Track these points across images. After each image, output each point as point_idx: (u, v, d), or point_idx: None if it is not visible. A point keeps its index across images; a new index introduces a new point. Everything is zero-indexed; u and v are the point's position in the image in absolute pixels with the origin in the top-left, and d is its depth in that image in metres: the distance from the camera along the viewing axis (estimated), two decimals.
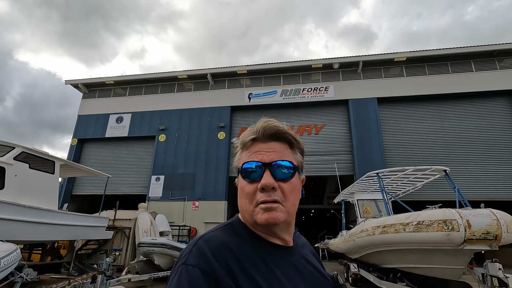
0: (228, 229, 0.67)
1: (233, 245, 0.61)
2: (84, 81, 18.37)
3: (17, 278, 3.81)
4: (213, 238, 0.62)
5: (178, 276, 0.54)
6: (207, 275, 0.53)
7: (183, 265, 0.56)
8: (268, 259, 0.62)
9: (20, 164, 6.00)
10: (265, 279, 0.58)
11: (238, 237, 0.64)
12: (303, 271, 0.66)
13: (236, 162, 0.72)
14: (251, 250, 0.62)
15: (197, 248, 0.59)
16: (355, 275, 7.72)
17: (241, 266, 0.57)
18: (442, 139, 14.10)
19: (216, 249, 0.58)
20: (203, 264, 0.55)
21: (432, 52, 15.09)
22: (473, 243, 3.89)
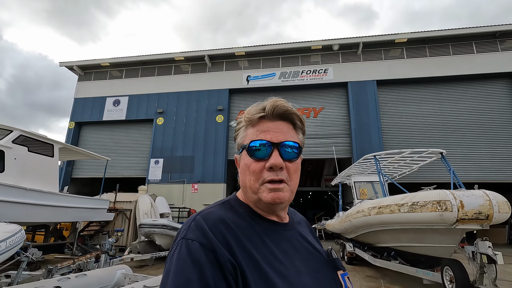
0: (225, 206, 0.68)
1: (229, 220, 0.62)
2: (79, 63, 18.01)
3: (23, 257, 3.92)
4: (211, 214, 0.63)
5: (178, 249, 0.56)
6: (206, 248, 0.55)
7: (183, 239, 0.58)
8: (264, 234, 0.64)
9: (19, 147, 6.01)
10: (260, 252, 0.60)
11: (235, 213, 0.66)
12: (298, 246, 0.68)
13: (241, 138, 0.72)
14: (247, 225, 0.64)
15: (196, 223, 0.60)
16: (350, 254, 7.99)
17: (238, 239, 0.59)
18: (441, 122, 14.13)
19: (213, 223, 0.60)
20: (202, 238, 0.56)
21: (433, 33, 14.82)
22: (465, 222, 4.01)
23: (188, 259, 0.54)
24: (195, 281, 0.51)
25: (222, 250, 0.55)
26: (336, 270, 0.70)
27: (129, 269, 4.49)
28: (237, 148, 0.73)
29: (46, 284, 3.39)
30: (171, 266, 0.55)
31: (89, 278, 3.80)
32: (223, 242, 0.57)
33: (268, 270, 0.57)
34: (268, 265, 0.58)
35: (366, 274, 6.82)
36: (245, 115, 0.71)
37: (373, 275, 6.71)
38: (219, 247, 0.56)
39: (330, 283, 0.66)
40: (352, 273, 6.95)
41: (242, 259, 0.56)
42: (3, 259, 3.28)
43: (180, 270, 0.53)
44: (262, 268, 0.57)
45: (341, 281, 0.68)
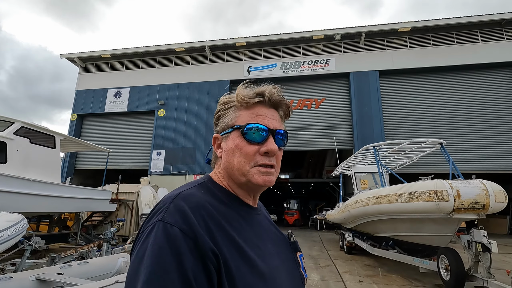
0: (203, 188, 0.65)
1: (210, 204, 0.60)
2: (79, 54, 17.97)
3: (26, 246, 4.02)
4: (191, 196, 0.59)
5: (155, 233, 0.51)
6: (187, 235, 0.51)
7: (160, 222, 0.53)
8: (242, 219, 0.64)
9: (20, 139, 6.08)
10: (241, 236, 0.59)
11: (212, 196, 0.64)
12: (268, 230, 0.70)
13: (232, 119, 0.69)
14: (226, 209, 0.63)
15: (175, 205, 0.56)
16: (349, 244, 8.08)
17: (219, 225, 0.57)
18: (443, 113, 14.01)
19: (195, 207, 0.56)
20: (182, 223, 0.52)
21: (438, 21, 14.54)
22: (462, 212, 4.04)
23: (166, 246, 0.49)
24: (173, 271, 0.47)
25: (204, 237, 0.52)
26: (296, 251, 0.74)
27: None
28: (222, 128, 0.70)
29: (49, 271, 3.49)
30: (145, 250, 0.50)
31: (90, 265, 3.90)
32: (204, 229, 0.54)
33: (249, 253, 0.57)
34: (248, 248, 0.58)
35: (364, 263, 6.92)
36: (238, 96, 0.68)
37: (372, 264, 6.81)
38: (201, 234, 0.52)
39: (292, 264, 0.70)
40: (351, 262, 7.06)
41: (224, 245, 0.54)
42: (6, 247, 3.38)
43: (156, 257, 0.48)
44: (244, 251, 0.57)
45: (299, 261, 0.73)
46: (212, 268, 0.51)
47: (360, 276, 5.71)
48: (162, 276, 0.47)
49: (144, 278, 0.47)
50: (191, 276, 0.48)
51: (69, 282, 3.14)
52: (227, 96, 0.73)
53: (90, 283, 3.01)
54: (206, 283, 0.50)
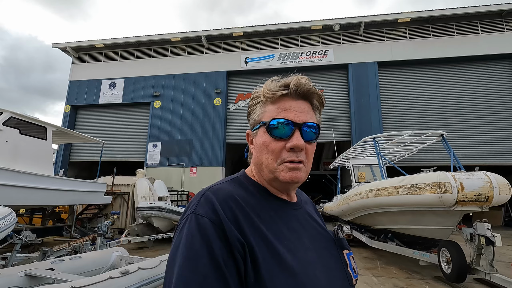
0: (234, 182, 0.68)
1: (239, 197, 0.62)
2: (72, 44, 17.51)
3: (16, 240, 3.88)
4: (220, 189, 0.63)
5: (188, 224, 0.56)
6: (215, 225, 0.55)
7: (192, 214, 0.57)
8: (273, 212, 0.64)
9: (10, 130, 5.86)
10: (270, 229, 0.60)
11: (244, 190, 0.66)
12: (306, 225, 0.68)
13: (259, 115, 0.68)
14: (256, 202, 0.64)
15: (205, 198, 0.60)
16: (347, 236, 8.05)
17: (247, 216, 0.59)
18: (443, 104, 13.93)
19: (223, 199, 0.59)
20: (211, 214, 0.56)
21: (437, 12, 14.33)
22: (464, 204, 3.95)
23: (198, 234, 0.54)
24: (205, 256, 0.51)
25: (231, 227, 0.55)
26: (342, 249, 0.71)
27: (125, 251, 4.46)
28: (252, 124, 0.71)
29: (40, 266, 3.35)
30: (180, 239, 0.55)
31: (83, 260, 3.77)
32: (232, 219, 0.57)
33: (277, 246, 0.58)
34: (277, 241, 0.58)
35: (362, 256, 6.89)
36: (264, 91, 0.67)
37: (370, 257, 6.78)
38: (228, 224, 0.55)
39: (336, 261, 0.67)
40: None
41: (251, 235, 0.56)
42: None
43: (190, 244, 0.53)
44: (271, 244, 0.57)
45: (346, 260, 0.69)
46: (239, 256, 0.54)
47: (358, 269, 5.66)
48: (195, 260, 0.51)
49: (180, 263, 0.52)
50: (221, 260, 0.52)
51: (60, 278, 3.01)
52: (256, 90, 0.71)
53: (82, 279, 2.87)
54: (234, 268, 0.53)
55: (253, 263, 0.54)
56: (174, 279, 0.51)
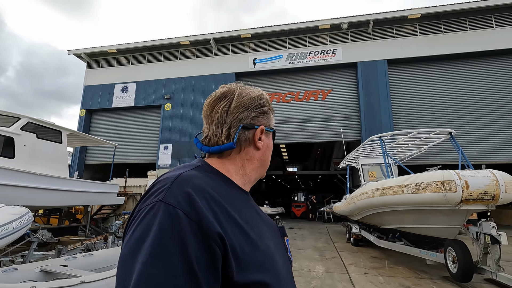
0: (201, 170, 0.64)
1: (211, 185, 0.59)
2: (86, 50, 18.11)
3: (33, 238, 4.11)
4: (193, 178, 0.57)
5: (154, 214, 0.49)
6: (190, 219, 0.49)
7: (161, 203, 0.50)
8: (240, 201, 0.64)
9: (27, 134, 6.18)
10: (242, 218, 0.58)
11: (212, 179, 0.63)
12: (261, 214, 0.71)
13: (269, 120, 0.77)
14: (226, 191, 0.62)
15: (178, 186, 0.53)
16: (356, 236, 8.01)
17: (221, 206, 0.56)
18: (454, 101, 13.59)
19: (199, 189, 0.54)
20: (186, 205, 0.50)
21: (449, 7, 13.98)
22: (470, 203, 3.90)
23: (169, 229, 0.47)
24: (175, 254, 0.46)
25: (210, 220, 0.51)
26: (283, 236, 0.76)
27: None
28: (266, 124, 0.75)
29: (54, 263, 3.55)
30: (145, 231, 0.48)
31: (95, 257, 3.96)
32: (210, 211, 0.52)
33: (252, 234, 0.57)
34: (250, 229, 0.58)
35: (371, 255, 6.86)
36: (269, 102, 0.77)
37: (378, 256, 6.74)
38: (206, 217, 0.51)
39: (282, 247, 0.71)
40: (357, 254, 7.00)
41: (228, 226, 0.53)
42: (12, 239, 3.45)
43: (158, 239, 0.47)
44: (247, 233, 0.56)
45: (287, 246, 0.75)
46: (218, 251, 0.50)
47: (365, 268, 5.65)
48: (165, 258, 0.46)
49: (144, 259, 0.45)
50: (193, 260, 0.47)
51: (73, 274, 3.19)
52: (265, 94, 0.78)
53: (92, 275, 3.04)
54: (209, 267, 0.48)
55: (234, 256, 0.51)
56: (136, 277, 0.45)
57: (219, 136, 0.69)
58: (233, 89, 0.73)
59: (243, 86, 0.75)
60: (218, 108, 0.70)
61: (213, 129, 0.70)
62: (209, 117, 0.72)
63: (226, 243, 0.51)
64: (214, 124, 0.70)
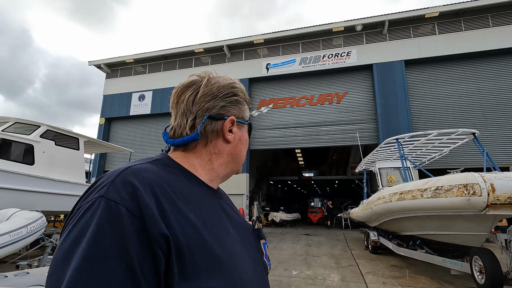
0: (159, 164, 0.58)
1: (165, 181, 0.53)
2: (105, 61, 18.82)
3: (47, 242, 4.19)
4: (143, 171, 0.51)
5: (93, 211, 0.43)
6: (134, 216, 0.44)
7: (102, 198, 0.44)
8: (202, 199, 0.58)
9: (46, 142, 6.40)
10: (199, 217, 0.53)
11: (170, 173, 0.57)
12: (230, 215, 0.65)
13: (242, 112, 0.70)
14: (186, 188, 0.56)
15: (123, 179, 0.47)
16: (374, 243, 7.68)
17: (174, 204, 0.50)
18: (478, 101, 12.92)
19: (148, 183, 0.49)
20: (130, 202, 0.44)
21: (470, 3, 13.42)
22: (497, 208, 3.60)
23: (108, 228, 0.42)
24: (114, 258, 0.40)
25: (155, 218, 0.45)
26: (259, 239, 0.70)
27: None
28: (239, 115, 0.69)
29: None
30: (81, 231, 0.42)
31: None
32: (156, 208, 0.46)
33: (207, 237, 0.51)
34: (206, 230, 0.52)
35: (390, 264, 6.52)
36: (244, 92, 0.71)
37: (398, 265, 6.40)
38: (151, 215, 0.45)
39: (255, 251, 0.66)
40: (376, 263, 6.68)
41: (178, 225, 0.48)
42: (25, 243, 3.52)
43: (94, 240, 0.41)
44: (200, 233, 0.50)
45: (263, 250, 0.69)
46: (160, 254, 0.44)
47: (384, 278, 5.36)
48: (101, 263, 0.40)
49: (77, 265, 0.39)
50: (136, 263, 0.41)
51: None
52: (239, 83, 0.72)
53: None
54: (152, 271, 0.43)
55: (178, 258, 0.45)
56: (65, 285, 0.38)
57: (183, 128, 0.64)
58: (203, 76, 0.67)
59: (214, 74, 0.69)
60: (184, 97, 0.65)
61: (178, 120, 0.65)
62: (175, 108, 0.66)
63: (171, 245, 0.45)
64: (180, 115, 0.65)
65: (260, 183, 20.84)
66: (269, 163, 23.47)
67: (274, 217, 16.23)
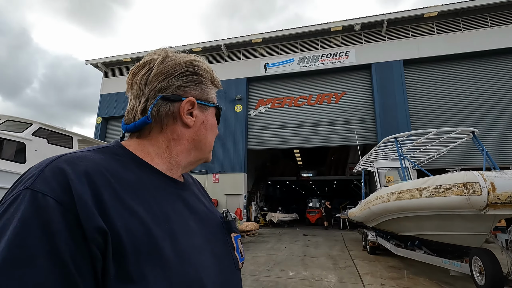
0: (105, 152, 0.51)
1: (109, 170, 0.47)
2: (102, 60, 18.70)
3: None
4: (81, 159, 0.45)
5: (18, 205, 0.38)
6: (65, 208, 0.38)
7: (28, 190, 0.39)
8: (156, 191, 0.52)
9: (39, 140, 6.28)
10: (150, 211, 0.47)
11: (119, 163, 0.50)
12: (194, 207, 0.59)
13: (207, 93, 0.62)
14: (136, 178, 0.50)
15: (53, 168, 0.41)
16: (372, 243, 7.59)
17: (116, 195, 0.44)
18: (476, 101, 12.89)
19: (84, 172, 0.42)
20: (60, 192, 0.39)
21: (468, 3, 13.40)
22: (498, 207, 3.51)
23: (34, 223, 0.36)
24: (42, 256, 0.35)
25: (89, 210, 0.39)
26: (229, 232, 0.65)
27: None
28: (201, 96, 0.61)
29: None
30: (3, 229, 0.36)
31: None
32: (93, 200, 0.41)
33: (156, 230, 0.45)
34: (157, 224, 0.47)
35: (388, 264, 6.43)
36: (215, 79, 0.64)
37: (396, 266, 6.31)
38: (85, 206, 0.39)
39: (223, 245, 0.61)
40: (374, 263, 6.59)
41: (119, 219, 0.42)
42: None
43: (18, 238, 0.35)
44: (148, 228, 0.45)
45: (234, 243, 0.64)
46: (96, 250, 0.39)
47: (382, 279, 5.27)
48: (25, 263, 0.34)
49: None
50: (68, 261, 0.37)
51: None
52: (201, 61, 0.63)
53: None
54: (88, 271, 0.38)
55: (116, 256, 0.40)
56: None
57: (135, 111, 0.57)
58: (158, 54, 0.59)
59: (173, 51, 0.61)
60: (137, 78, 0.58)
61: (131, 103, 0.58)
62: (130, 90, 0.59)
63: (109, 241, 0.40)
64: (133, 98, 0.58)
65: (258, 183, 20.75)
66: (267, 163, 23.38)
67: (272, 217, 16.13)
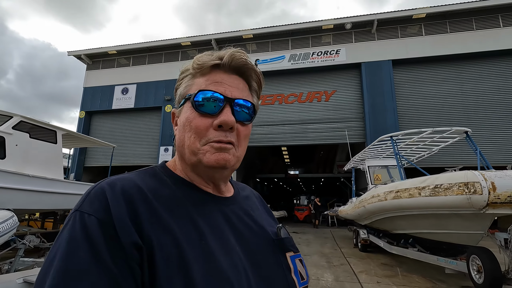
0: (146, 173, 0.56)
1: (147, 188, 0.49)
2: (86, 51, 17.91)
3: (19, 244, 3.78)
4: (120, 180, 0.49)
5: (70, 226, 0.43)
6: (104, 224, 0.42)
7: (77, 212, 0.44)
8: (192, 207, 0.52)
9: (20, 134, 5.87)
10: (184, 227, 0.48)
11: (157, 180, 0.53)
12: (236, 223, 0.56)
13: (184, 88, 0.59)
14: (171, 194, 0.52)
15: (96, 191, 0.46)
16: (364, 241, 7.66)
17: (153, 211, 0.47)
18: (462, 102, 13.26)
19: (121, 192, 0.46)
20: (101, 211, 0.43)
21: (455, 6, 13.72)
22: (497, 207, 3.56)
23: (80, 240, 0.40)
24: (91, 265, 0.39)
25: (125, 226, 0.43)
26: (284, 251, 0.59)
27: None
28: (177, 101, 0.61)
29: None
30: (59, 247, 0.41)
31: None
32: (129, 216, 0.44)
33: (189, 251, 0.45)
34: (190, 242, 0.46)
35: (381, 262, 6.49)
36: (194, 62, 0.59)
37: (389, 263, 6.37)
38: (122, 222, 0.43)
39: (275, 266, 0.55)
40: (367, 261, 6.64)
41: (154, 235, 0.44)
42: None
43: (68, 253, 0.39)
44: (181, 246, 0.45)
45: (290, 265, 0.57)
46: (134, 264, 0.41)
47: (378, 277, 5.29)
48: (75, 278, 0.37)
49: (50, 282, 0.37)
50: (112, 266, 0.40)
51: None
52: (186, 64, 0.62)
53: None
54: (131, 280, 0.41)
55: (150, 270, 0.42)
56: None
57: None
58: None
59: None
60: None
61: None
62: None
63: (144, 256, 0.42)
64: None
65: (247, 180, 20.63)
66: (256, 160, 23.31)
67: None
